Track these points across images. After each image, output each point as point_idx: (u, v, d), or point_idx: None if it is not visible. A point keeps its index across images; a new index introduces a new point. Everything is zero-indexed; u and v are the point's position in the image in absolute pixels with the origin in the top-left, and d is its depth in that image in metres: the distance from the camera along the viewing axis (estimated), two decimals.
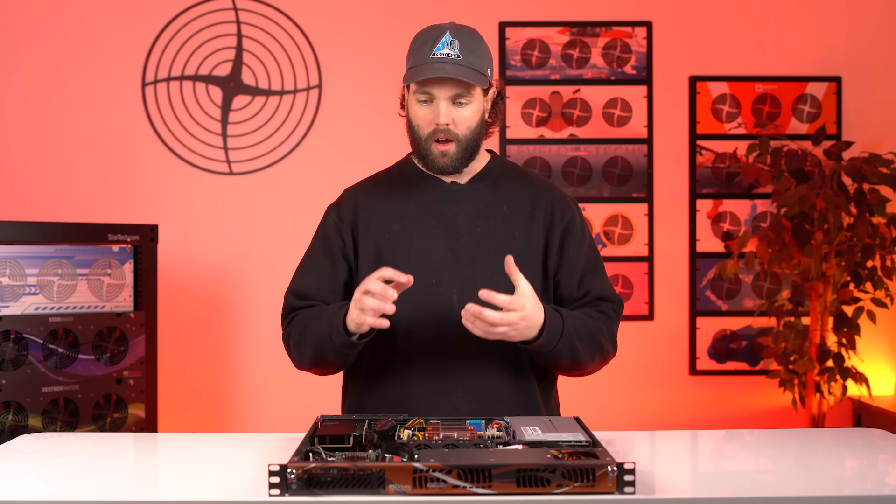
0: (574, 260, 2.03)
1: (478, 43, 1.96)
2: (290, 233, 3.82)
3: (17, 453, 1.80)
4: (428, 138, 1.96)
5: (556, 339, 1.87)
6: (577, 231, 2.05)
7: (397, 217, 2.02)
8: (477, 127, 1.98)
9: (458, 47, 1.92)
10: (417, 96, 1.95)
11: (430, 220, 2.00)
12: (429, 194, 2.03)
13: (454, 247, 1.98)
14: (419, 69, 1.92)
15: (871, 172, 3.54)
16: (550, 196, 2.06)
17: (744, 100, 3.94)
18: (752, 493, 1.49)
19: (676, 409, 3.90)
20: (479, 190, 2.04)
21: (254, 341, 3.86)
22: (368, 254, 2.01)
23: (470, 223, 2.00)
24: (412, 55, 1.96)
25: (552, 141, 3.93)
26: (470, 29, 1.98)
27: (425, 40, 1.94)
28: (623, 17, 3.94)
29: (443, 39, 1.93)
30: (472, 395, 1.93)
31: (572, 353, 1.91)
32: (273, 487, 1.39)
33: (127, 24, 3.87)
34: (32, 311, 2.88)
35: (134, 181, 3.86)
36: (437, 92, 1.93)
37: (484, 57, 1.96)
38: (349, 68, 3.90)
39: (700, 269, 3.94)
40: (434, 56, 1.91)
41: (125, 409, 3.03)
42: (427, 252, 1.98)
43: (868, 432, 1.97)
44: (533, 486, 1.38)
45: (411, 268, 1.91)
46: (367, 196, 2.07)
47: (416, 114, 1.97)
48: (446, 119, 1.93)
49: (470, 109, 1.95)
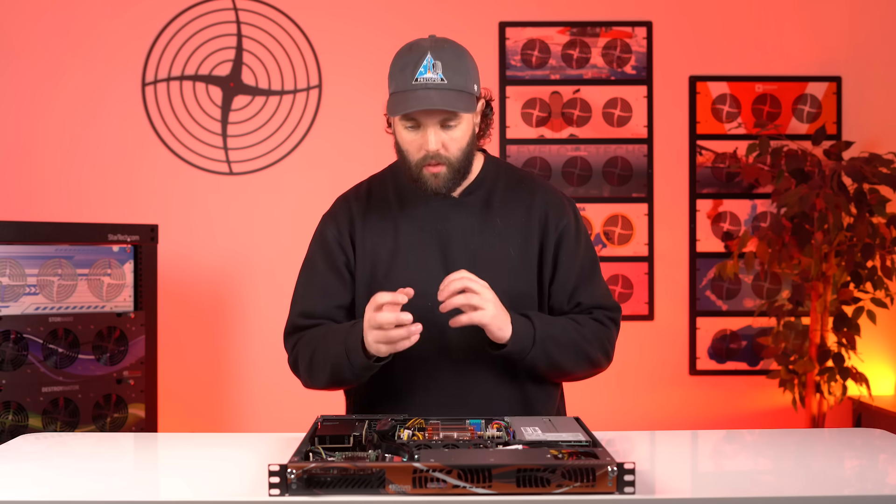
0: (567, 270, 1.99)
1: (461, 60, 1.88)
2: (290, 233, 3.82)
3: (17, 453, 1.80)
4: (419, 164, 1.91)
5: (528, 346, 1.86)
6: (572, 238, 2.01)
7: (391, 233, 1.98)
8: (468, 146, 1.93)
9: (440, 70, 1.84)
10: (404, 123, 1.89)
11: (423, 237, 1.97)
12: (422, 210, 1.99)
13: (448, 266, 1.94)
14: (402, 98, 1.84)
15: (871, 172, 3.54)
16: (545, 201, 2.02)
17: (744, 100, 3.94)
18: (752, 493, 1.49)
19: (676, 410, 3.90)
20: (472, 203, 2.00)
21: (253, 341, 3.86)
22: (364, 271, 1.98)
23: (463, 240, 1.96)
24: (393, 80, 1.88)
25: (552, 141, 3.93)
26: (452, 44, 1.90)
27: (405, 64, 1.86)
28: (623, 17, 3.94)
29: (424, 63, 1.84)
30: (468, 404, 1.91)
31: (549, 361, 1.90)
32: (273, 487, 1.39)
33: (127, 24, 3.87)
34: (32, 311, 2.88)
35: (134, 181, 3.86)
36: (424, 119, 1.87)
37: (469, 74, 1.88)
38: (349, 68, 3.90)
39: (700, 269, 3.94)
40: (417, 82, 1.83)
41: (125, 409, 3.03)
42: (422, 272, 1.94)
43: (868, 432, 1.97)
44: (533, 486, 1.38)
45: (405, 286, 1.89)
46: (362, 208, 2.03)
47: (404, 139, 1.91)
48: (436, 146, 1.88)
49: (459, 131, 1.90)
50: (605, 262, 3.90)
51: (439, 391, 1.94)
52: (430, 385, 1.94)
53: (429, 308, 1.88)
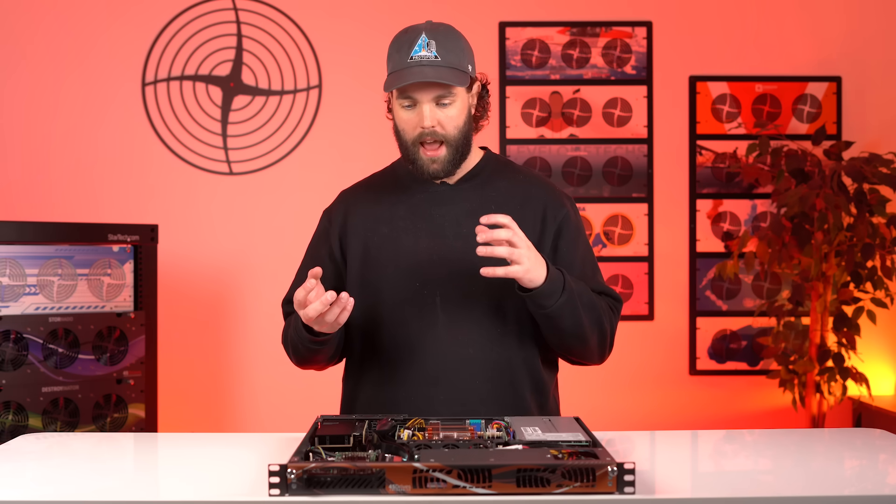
0: (569, 259, 1.99)
1: (456, 40, 1.93)
2: (290, 233, 3.82)
3: (16, 453, 1.80)
4: (415, 142, 1.94)
5: (559, 292, 1.84)
6: (572, 230, 2.02)
7: (386, 220, 2.02)
8: (465, 125, 1.96)
9: (434, 48, 1.90)
10: (401, 101, 1.94)
11: (417, 222, 2.00)
12: (418, 196, 2.02)
13: (439, 248, 1.97)
14: (398, 75, 1.90)
15: (871, 172, 3.54)
16: (543, 194, 2.03)
17: (744, 100, 3.94)
18: (752, 493, 1.49)
19: (676, 409, 3.90)
20: (468, 190, 2.02)
21: (253, 341, 3.86)
22: (356, 256, 2.02)
23: (457, 224, 1.98)
24: (390, 60, 1.94)
25: (552, 141, 3.93)
26: (446, 26, 1.96)
27: (402, 44, 1.92)
28: (623, 17, 3.94)
29: (419, 41, 1.91)
30: (454, 399, 1.92)
31: (574, 316, 1.88)
32: (273, 487, 1.39)
33: (127, 24, 3.87)
34: (32, 311, 2.88)
35: (134, 181, 3.86)
36: (419, 96, 1.91)
37: (463, 53, 1.94)
38: (349, 68, 3.90)
39: (700, 269, 3.94)
40: (412, 60, 1.89)
41: (125, 409, 3.03)
42: (412, 254, 1.97)
43: (868, 432, 1.97)
44: (533, 486, 1.38)
45: (396, 269, 1.95)
46: (358, 199, 2.08)
47: (401, 119, 1.95)
48: (431, 122, 1.91)
49: (455, 109, 1.93)
50: (605, 262, 3.90)
51: (431, 364, 1.94)
52: (413, 364, 1.95)
53: (416, 288, 1.95)
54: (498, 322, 1.96)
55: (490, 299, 1.95)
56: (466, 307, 1.95)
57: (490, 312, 1.95)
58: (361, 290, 1.99)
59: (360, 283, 2.00)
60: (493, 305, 1.95)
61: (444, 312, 1.95)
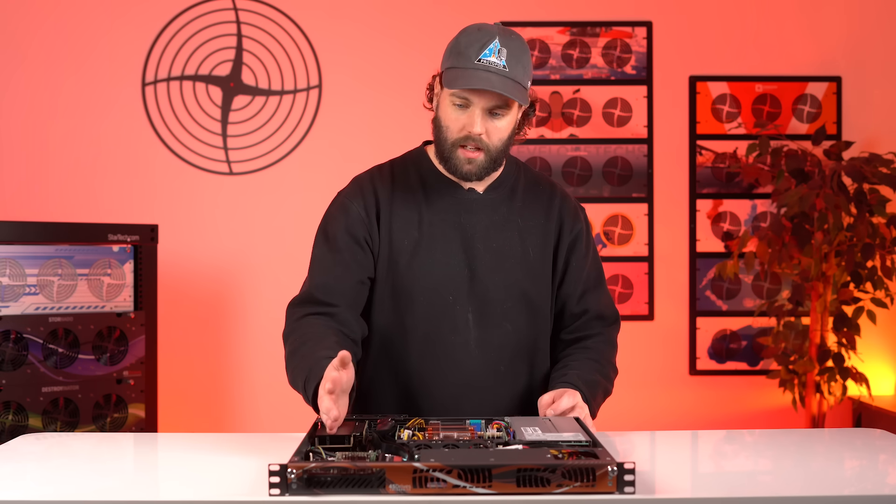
0: (577, 274, 2.03)
1: (524, 53, 1.89)
2: (291, 233, 3.83)
3: (16, 453, 1.80)
4: (455, 143, 1.90)
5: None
6: (584, 245, 2.04)
7: (416, 223, 1.97)
8: (508, 138, 1.93)
9: (505, 56, 1.85)
10: (453, 99, 1.88)
11: (447, 231, 1.96)
12: (447, 200, 1.98)
13: (471, 262, 1.95)
14: (463, 74, 1.84)
15: (871, 172, 3.54)
16: (562, 205, 2.04)
17: (744, 100, 3.94)
18: (752, 493, 1.49)
19: (676, 410, 3.90)
20: (496, 201, 2.00)
21: (253, 341, 3.86)
22: (385, 257, 1.96)
23: (486, 237, 1.97)
24: (455, 55, 1.88)
25: (552, 141, 3.93)
26: (517, 36, 1.91)
27: (471, 42, 1.86)
28: (623, 17, 3.94)
29: (491, 45, 1.85)
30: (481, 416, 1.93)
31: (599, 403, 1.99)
32: (273, 487, 1.39)
33: (127, 24, 3.87)
34: (32, 311, 2.88)
35: (134, 181, 3.86)
36: (476, 100, 1.86)
37: (528, 69, 1.90)
38: (349, 68, 3.90)
39: (700, 269, 3.94)
40: (479, 63, 1.84)
41: (125, 409, 3.03)
42: (445, 267, 1.95)
43: (868, 432, 1.97)
44: (533, 486, 1.38)
45: (429, 281, 1.93)
46: (387, 192, 1.99)
47: (448, 115, 1.90)
48: (481, 129, 1.87)
49: (505, 122, 1.90)
50: (605, 262, 3.89)
51: (455, 377, 1.95)
52: (442, 378, 1.95)
53: (450, 302, 1.93)
54: (528, 341, 1.99)
55: (519, 315, 1.97)
56: (497, 325, 1.96)
57: (520, 329, 1.98)
58: (391, 296, 1.96)
59: (391, 289, 1.96)
60: (522, 323, 1.98)
61: (476, 328, 1.95)
